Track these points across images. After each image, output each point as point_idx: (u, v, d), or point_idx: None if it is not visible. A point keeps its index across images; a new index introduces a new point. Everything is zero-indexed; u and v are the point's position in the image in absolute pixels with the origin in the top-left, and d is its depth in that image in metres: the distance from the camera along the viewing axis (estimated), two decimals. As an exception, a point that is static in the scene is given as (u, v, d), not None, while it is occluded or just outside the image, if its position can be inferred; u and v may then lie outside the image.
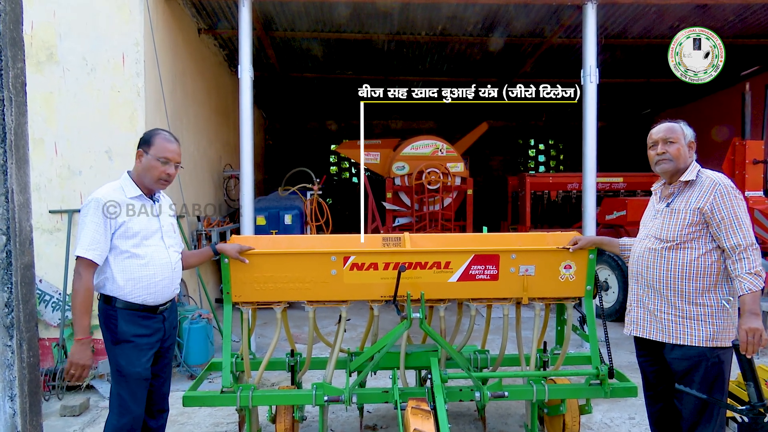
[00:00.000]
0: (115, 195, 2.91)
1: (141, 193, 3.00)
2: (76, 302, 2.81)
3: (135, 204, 2.96)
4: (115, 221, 2.86)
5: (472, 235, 4.17)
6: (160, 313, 3.03)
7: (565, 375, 3.75)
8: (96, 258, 2.82)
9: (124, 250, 2.89)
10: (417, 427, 2.86)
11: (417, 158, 9.41)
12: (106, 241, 2.85)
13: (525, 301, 3.66)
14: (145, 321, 2.95)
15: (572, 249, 3.55)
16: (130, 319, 2.90)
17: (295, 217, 8.13)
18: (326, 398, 3.42)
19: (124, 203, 2.92)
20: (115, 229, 2.87)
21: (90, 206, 2.85)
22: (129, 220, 2.90)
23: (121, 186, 2.98)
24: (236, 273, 3.54)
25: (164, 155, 2.98)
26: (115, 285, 2.88)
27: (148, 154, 2.97)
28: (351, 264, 3.53)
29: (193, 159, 7.70)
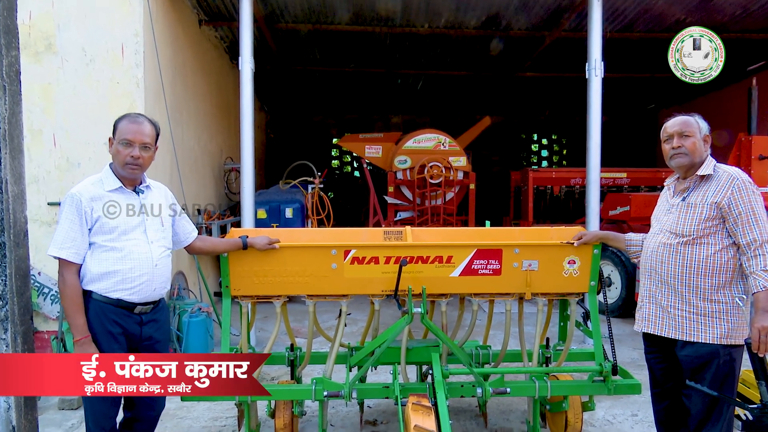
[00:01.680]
0: (93, 189, 2.77)
1: (121, 185, 2.85)
2: (64, 304, 2.71)
3: (115, 199, 2.82)
4: (91, 217, 2.73)
5: (475, 230, 4.12)
6: (138, 314, 2.86)
7: (568, 371, 3.70)
8: (72, 257, 2.70)
9: (101, 244, 2.76)
10: (418, 424, 2.81)
11: (419, 152, 9.34)
12: (83, 239, 2.72)
13: (528, 297, 3.60)
14: (117, 318, 2.78)
15: (577, 244, 3.50)
16: (100, 312, 2.74)
17: (296, 210, 8.08)
18: (326, 393, 3.37)
19: (103, 197, 2.78)
20: (92, 225, 2.75)
21: (65, 202, 2.71)
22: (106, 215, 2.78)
23: (101, 179, 2.84)
24: (235, 266, 3.49)
25: (125, 137, 2.78)
26: (90, 278, 2.75)
27: (114, 140, 2.83)
28: (352, 258, 3.49)
29: (193, 152, 7.64)
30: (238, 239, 3.40)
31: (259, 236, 3.46)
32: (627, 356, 5.79)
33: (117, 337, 2.79)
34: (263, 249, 3.39)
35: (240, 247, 3.39)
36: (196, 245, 3.32)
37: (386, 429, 4.18)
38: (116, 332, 2.78)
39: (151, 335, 2.93)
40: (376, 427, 4.23)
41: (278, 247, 3.44)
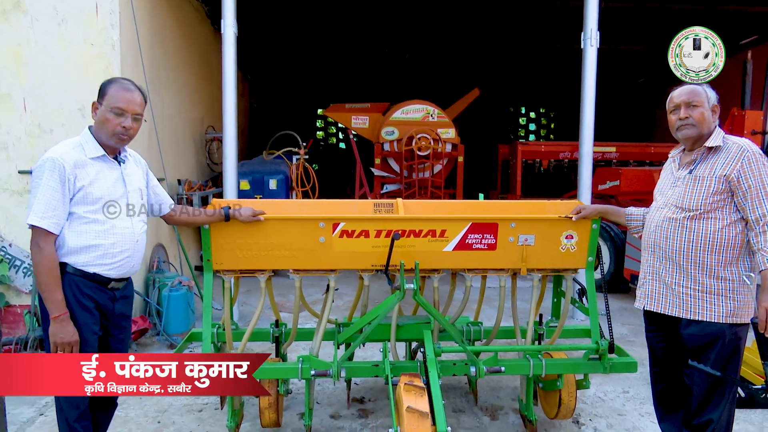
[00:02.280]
0: (74, 154, 2.55)
1: (104, 153, 2.64)
2: (41, 278, 2.50)
3: (97, 167, 2.61)
4: (74, 185, 2.52)
5: (469, 202, 3.95)
6: (111, 290, 2.71)
7: (563, 349, 3.60)
8: (52, 227, 2.49)
9: (82, 215, 2.57)
10: (411, 405, 2.68)
11: (407, 123, 9.13)
12: (64, 208, 2.52)
13: (523, 272, 3.48)
14: (91, 291, 2.61)
15: (575, 218, 3.36)
16: (73, 286, 2.56)
17: (280, 182, 7.86)
18: (313, 372, 3.23)
19: (86, 164, 2.58)
20: (74, 194, 2.54)
21: (45, 167, 2.48)
22: (89, 185, 2.57)
23: (81, 144, 2.62)
24: (217, 239, 3.31)
25: (117, 105, 2.60)
26: (67, 250, 2.56)
27: (101, 106, 2.60)
28: (341, 231, 3.32)
29: (173, 120, 7.35)
30: (219, 210, 3.22)
31: (242, 207, 3.27)
32: (616, 332, 5.73)
33: (92, 311, 2.63)
34: (247, 221, 3.21)
35: (222, 219, 3.20)
36: (174, 215, 3.13)
37: (374, 406, 4.08)
38: (90, 306, 2.62)
39: (121, 311, 2.80)
40: (364, 404, 4.12)
41: (263, 219, 3.26)
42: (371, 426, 3.78)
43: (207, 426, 3.77)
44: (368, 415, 3.94)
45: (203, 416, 3.91)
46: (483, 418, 3.91)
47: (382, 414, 3.94)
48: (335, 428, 3.75)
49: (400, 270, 3.19)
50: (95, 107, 2.63)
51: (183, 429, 3.73)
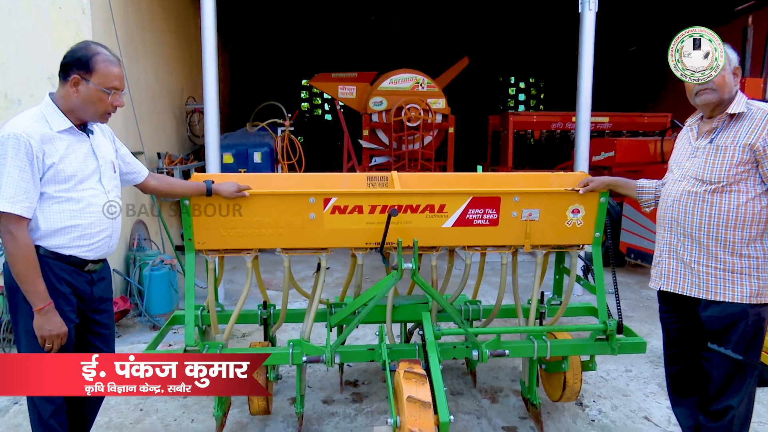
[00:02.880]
0: (39, 128, 2.27)
1: (71, 125, 2.36)
2: (18, 269, 2.24)
3: (65, 140, 2.34)
4: (43, 163, 2.25)
5: (468, 175, 3.72)
6: (87, 272, 2.47)
7: (569, 330, 3.42)
8: (25, 212, 2.22)
9: (54, 195, 2.31)
10: (412, 395, 2.49)
11: (396, 93, 8.82)
12: (35, 189, 2.25)
13: (527, 249, 3.27)
14: (67, 275, 2.38)
15: (582, 191, 3.14)
16: (47, 270, 2.32)
17: (265, 155, 7.56)
18: (305, 358, 3.02)
19: (53, 139, 2.30)
20: (44, 172, 2.27)
21: (7, 145, 2.19)
22: (60, 161, 2.30)
23: (44, 116, 2.32)
24: (199, 217, 3.06)
25: (112, 84, 2.34)
26: (40, 234, 2.31)
27: (89, 83, 2.31)
28: (332, 207, 3.08)
29: (151, 90, 6.99)
30: (201, 183, 2.96)
31: (226, 182, 3.01)
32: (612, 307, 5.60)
33: (68, 297, 2.39)
34: (231, 197, 2.96)
35: (203, 193, 2.95)
36: (150, 184, 2.86)
37: (368, 390, 3.90)
38: (66, 292, 2.38)
39: (100, 295, 2.56)
40: (357, 387, 3.94)
41: (248, 194, 3.01)
42: (366, 411, 3.60)
43: (192, 414, 3.56)
44: (362, 399, 3.76)
45: (188, 403, 3.70)
46: (482, 401, 3.75)
47: (377, 398, 3.76)
48: (328, 414, 3.57)
49: (398, 248, 2.97)
50: (77, 82, 2.32)
51: (167, 417, 3.53)
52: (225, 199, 2.98)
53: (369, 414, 3.55)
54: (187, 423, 3.46)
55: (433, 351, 2.92)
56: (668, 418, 3.53)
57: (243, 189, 2.99)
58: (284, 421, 3.48)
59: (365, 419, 3.49)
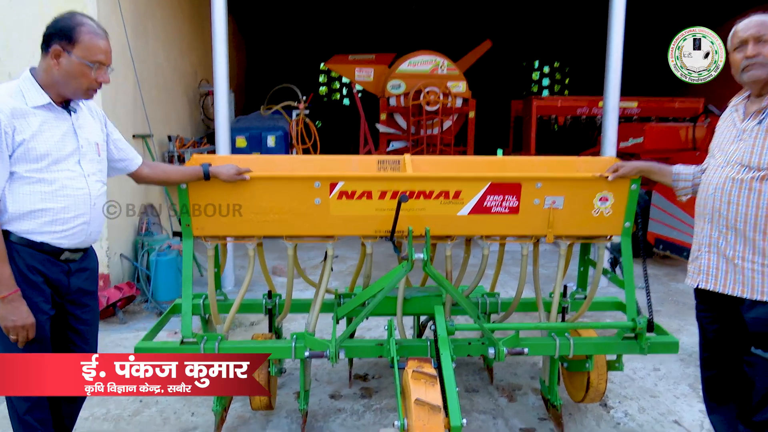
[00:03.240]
0: (11, 102, 2.08)
1: (50, 101, 2.17)
2: None
3: (42, 118, 2.14)
4: (13, 139, 2.07)
5: (487, 159, 3.48)
6: (64, 262, 2.28)
7: (595, 327, 3.17)
8: None
9: (25, 175, 2.12)
10: (420, 397, 2.27)
11: (414, 76, 8.53)
12: (4, 168, 2.08)
13: (549, 240, 3.02)
14: (38, 264, 2.19)
15: (611, 177, 2.88)
16: (17, 257, 2.14)
17: (279, 138, 7.37)
18: (308, 353, 2.82)
19: (27, 114, 2.11)
20: (13, 150, 2.09)
21: None
22: (32, 138, 2.11)
23: (20, 90, 2.13)
24: (197, 201, 2.87)
25: (97, 58, 2.15)
26: (8, 217, 2.13)
27: (71, 55, 2.11)
28: (339, 191, 2.87)
29: (162, 71, 6.81)
30: (198, 167, 2.76)
31: (225, 165, 2.81)
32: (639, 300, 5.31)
33: (40, 287, 2.20)
34: (230, 180, 2.77)
35: (201, 177, 2.75)
36: (143, 172, 2.67)
37: (378, 384, 3.70)
38: (38, 281, 2.20)
39: (80, 287, 2.35)
40: (367, 382, 3.74)
41: (249, 178, 2.80)
42: (375, 408, 3.40)
43: (193, 407, 3.40)
44: (372, 394, 3.57)
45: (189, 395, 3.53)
46: (499, 399, 3.52)
47: (387, 393, 3.56)
48: (335, 410, 3.38)
49: (408, 237, 2.75)
50: (58, 54, 2.13)
51: (166, 410, 3.37)
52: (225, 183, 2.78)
53: (378, 411, 3.36)
54: (187, 416, 3.30)
55: (446, 348, 2.70)
56: (701, 422, 3.28)
57: (243, 172, 2.79)
58: (288, 416, 3.30)
59: (373, 417, 3.30)
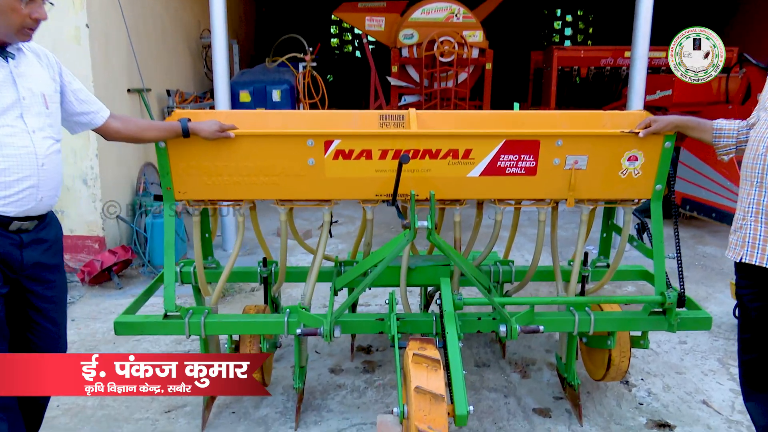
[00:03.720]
0: None
1: None
2: None
3: None
4: None
5: (501, 113, 3.12)
6: (15, 232, 2.00)
7: (619, 301, 2.87)
8: None
9: None
10: (420, 385, 2.02)
11: (428, 25, 8.03)
12: None
13: (570, 204, 2.70)
14: None
15: (642, 134, 2.54)
16: None
17: (284, 92, 7.00)
18: (299, 331, 2.56)
19: None
20: None
21: None
22: None
23: None
24: (178, 161, 2.60)
25: None
26: None
27: None
28: (335, 151, 2.57)
29: (161, 21, 6.44)
30: (176, 123, 2.46)
31: (206, 121, 2.51)
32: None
33: None
34: (212, 138, 2.48)
35: (179, 135, 2.46)
36: (112, 127, 2.35)
37: (382, 358, 3.47)
38: None
39: (38, 260, 2.07)
40: (370, 355, 3.52)
41: (233, 135, 2.51)
42: (377, 384, 3.18)
43: (184, 381, 3.20)
44: (374, 368, 3.34)
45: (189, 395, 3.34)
46: (512, 375, 3.28)
47: (391, 368, 3.33)
48: (335, 386, 3.16)
49: (411, 202, 2.45)
50: None
51: (156, 384, 3.17)
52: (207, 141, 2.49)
53: (380, 388, 3.13)
54: (177, 392, 3.10)
55: (452, 324, 2.43)
56: (731, 403, 3.01)
57: (227, 129, 2.49)
58: (285, 393, 3.09)
59: (375, 394, 3.07)
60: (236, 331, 2.74)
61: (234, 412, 2.92)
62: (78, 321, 3.98)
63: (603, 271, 3.23)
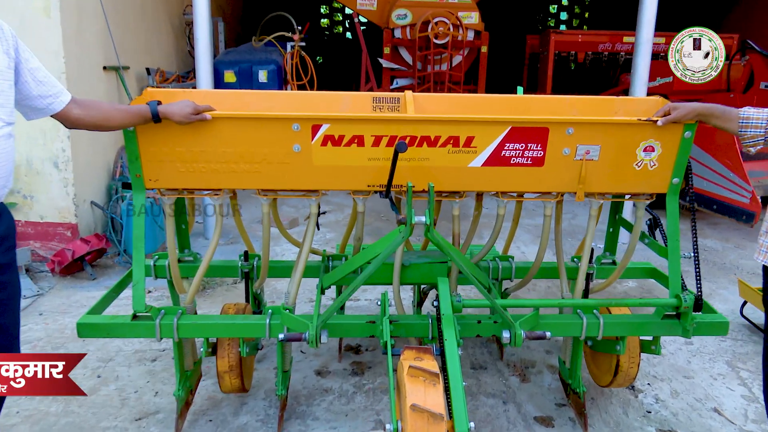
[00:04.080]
0: None
1: None
2: None
3: None
4: None
5: (505, 98, 2.88)
6: None
7: (630, 305, 2.66)
8: None
9: None
10: (416, 403, 1.79)
11: (422, 5, 7.73)
12: None
13: (579, 198, 2.48)
14: None
15: (661, 122, 2.31)
16: None
17: (271, 73, 6.69)
18: (282, 336, 2.32)
19: None
20: None
21: None
22: None
23: None
24: (148, 146, 2.35)
25: None
26: None
27: None
28: (323, 136, 2.32)
29: (141, -6, 6.10)
30: (144, 107, 2.19)
31: (178, 102, 2.24)
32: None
33: None
34: (186, 121, 2.21)
35: (148, 120, 2.19)
36: (72, 113, 2.05)
37: (372, 359, 3.25)
38: None
39: None
40: (359, 355, 3.29)
41: (210, 117, 2.25)
42: (366, 388, 2.95)
43: (158, 384, 2.96)
44: (364, 370, 3.12)
45: (155, 368, 3.11)
46: (511, 379, 3.07)
47: (381, 370, 3.11)
48: (321, 390, 2.93)
49: (407, 194, 2.21)
50: None
51: (127, 387, 2.93)
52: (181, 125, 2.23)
53: (370, 393, 2.91)
54: (149, 397, 2.86)
55: (451, 329, 2.21)
56: (744, 411, 2.83)
57: (202, 110, 2.23)
58: (266, 398, 2.86)
59: (365, 399, 2.85)
60: (213, 334, 2.50)
61: (211, 420, 2.69)
62: (46, 315, 3.72)
63: (608, 268, 3.03)
